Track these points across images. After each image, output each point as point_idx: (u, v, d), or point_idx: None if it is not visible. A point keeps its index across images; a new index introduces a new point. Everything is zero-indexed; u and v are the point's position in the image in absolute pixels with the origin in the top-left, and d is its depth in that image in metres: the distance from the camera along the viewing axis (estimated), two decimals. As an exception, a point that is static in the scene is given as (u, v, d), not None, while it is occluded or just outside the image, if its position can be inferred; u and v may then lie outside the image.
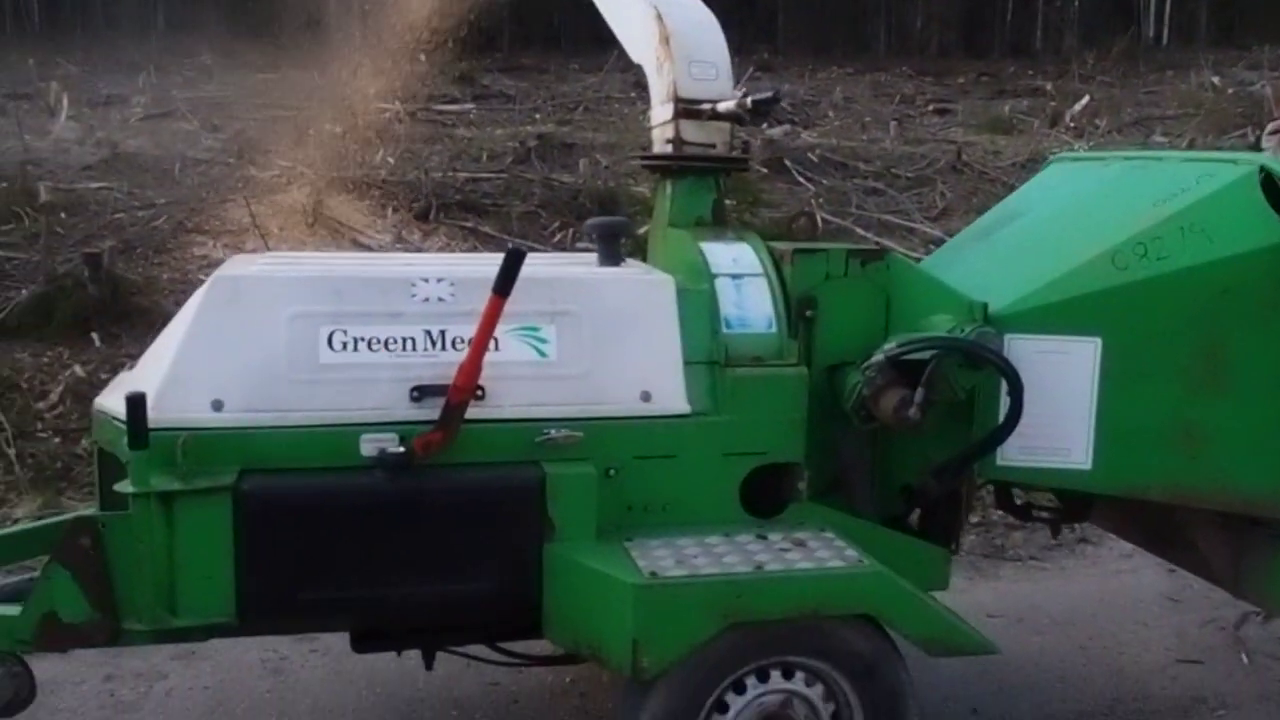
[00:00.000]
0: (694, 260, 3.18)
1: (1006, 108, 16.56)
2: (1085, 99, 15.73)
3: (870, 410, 2.93)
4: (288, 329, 2.76)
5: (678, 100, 3.42)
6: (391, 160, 10.79)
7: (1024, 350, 3.06)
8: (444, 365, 2.77)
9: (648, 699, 2.68)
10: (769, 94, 3.38)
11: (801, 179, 11.04)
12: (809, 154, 11.62)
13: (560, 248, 8.97)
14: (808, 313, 3.09)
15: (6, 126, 11.35)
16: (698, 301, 3.06)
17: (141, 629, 2.65)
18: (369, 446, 2.71)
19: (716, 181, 3.51)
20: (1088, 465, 3.09)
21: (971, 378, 2.96)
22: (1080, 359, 3.05)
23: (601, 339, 2.93)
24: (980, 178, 11.32)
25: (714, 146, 3.46)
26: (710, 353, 3.01)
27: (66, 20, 29.46)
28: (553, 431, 2.81)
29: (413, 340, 2.82)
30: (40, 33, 29.29)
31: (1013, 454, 3.12)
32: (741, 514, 2.98)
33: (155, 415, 2.61)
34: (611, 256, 3.23)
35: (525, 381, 2.87)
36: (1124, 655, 4.07)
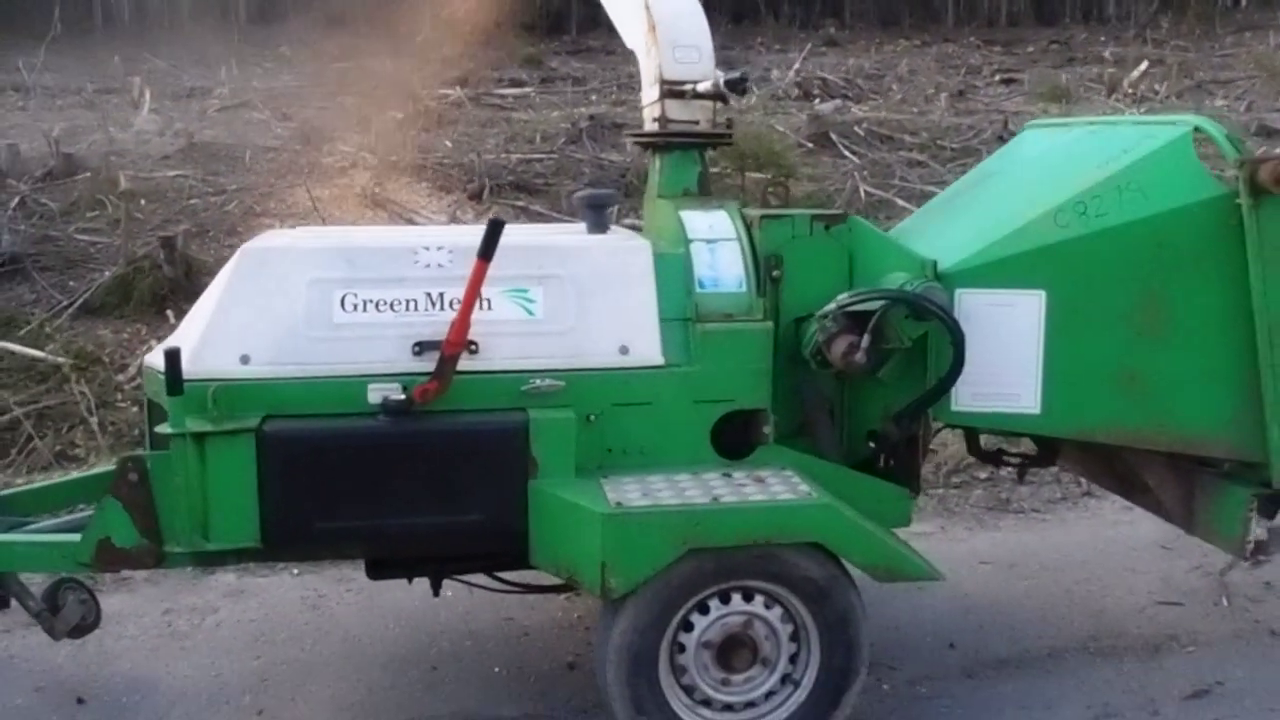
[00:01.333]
0: (674, 227, 3.50)
1: (1067, 76, 16.46)
2: (1144, 65, 15.60)
3: (824, 356, 3.23)
4: (306, 293, 3.14)
5: (663, 82, 3.73)
6: (450, 144, 11.21)
7: (974, 303, 3.33)
8: (442, 323, 3.13)
9: (619, 616, 3.02)
10: (737, 75, 3.68)
11: (847, 153, 11.24)
12: (856, 128, 11.78)
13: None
14: (774, 272, 3.39)
15: (93, 120, 12.02)
16: (673, 264, 3.38)
17: (181, 552, 3.07)
18: (375, 395, 3.09)
19: (700, 155, 3.81)
20: (1037, 410, 3.35)
21: (917, 328, 3.24)
22: (1027, 311, 3.31)
23: (584, 299, 3.26)
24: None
25: (697, 123, 3.76)
26: (684, 310, 3.32)
27: (154, 17, 30.51)
28: (537, 381, 3.16)
29: (415, 301, 3.18)
30: (129, 29, 30.42)
31: (967, 400, 3.39)
32: (713, 455, 3.29)
33: (191, 368, 3.02)
34: (599, 225, 3.55)
35: (514, 338, 3.21)
36: (1107, 598, 4.30)
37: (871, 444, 3.54)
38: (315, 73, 20.80)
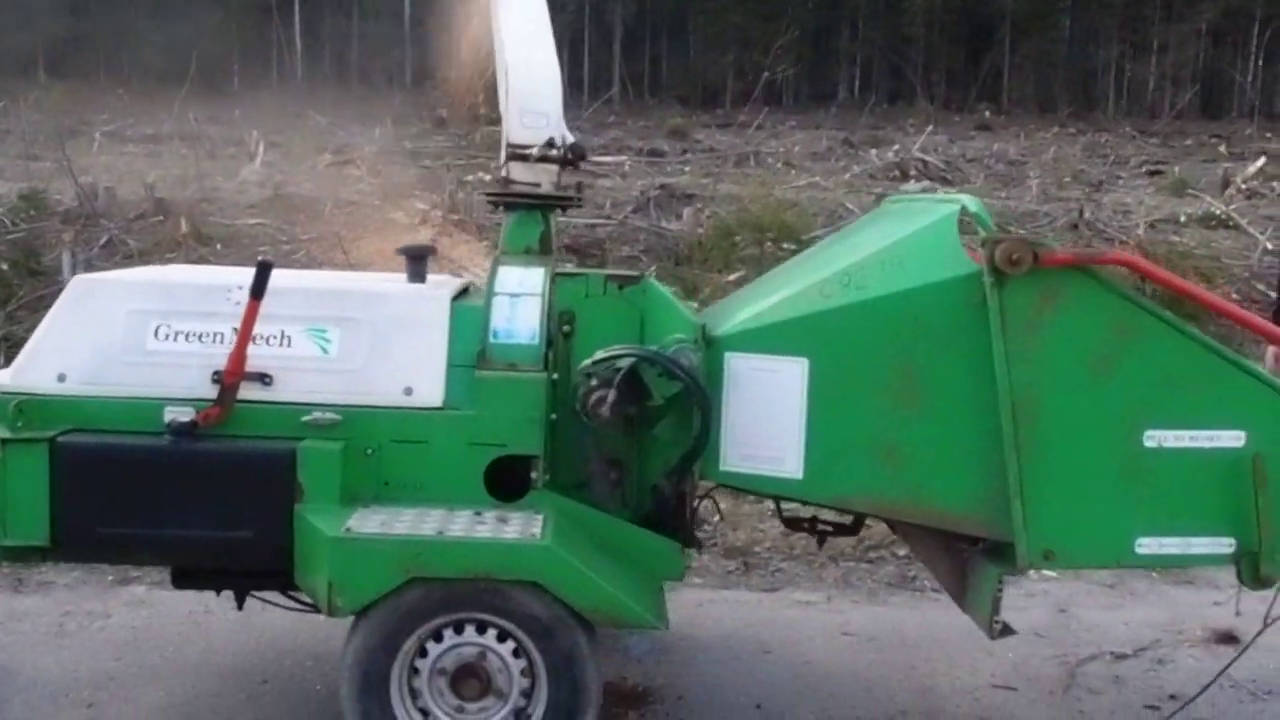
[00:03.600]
0: (491, 281, 3.74)
1: (1224, 169, 16.07)
2: (1261, 160, 15.09)
3: (583, 408, 3.40)
4: (124, 321, 3.50)
5: (509, 145, 3.99)
6: (521, 206, 11.65)
7: (741, 367, 3.46)
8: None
9: (353, 636, 3.25)
10: (574, 142, 3.92)
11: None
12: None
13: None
14: (565, 328, 3.58)
15: (205, 169, 13.04)
16: (470, 315, 3.61)
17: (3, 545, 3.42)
18: (168, 416, 3.41)
19: (544, 216, 4.04)
20: (799, 475, 3.43)
21: (670, 386, 3.38)
22: (790, 377, 3.40)
23: (377, 341, 3.52)
24: (1097, 236, 11.17)
25: (539, 185, 4.00)
26: (472, 357, 3.54)
27: (325, 74, 32.60)
28: (315, 414, 3.43)
29: (221, 335, 3.50)
30: (301, 84, 32.56)
31: (735, 461, 3.49)
32: (485, 496, 3.48)
33: (13, 382, 3.41)
34: (416, 275, 3.82)
35: (308, 373, 3.49)
36: (944, 676, 4.25)
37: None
38: (447, 135, 21.91)
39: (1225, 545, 3.29)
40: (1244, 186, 14.59)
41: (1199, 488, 3.26)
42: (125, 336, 3.49)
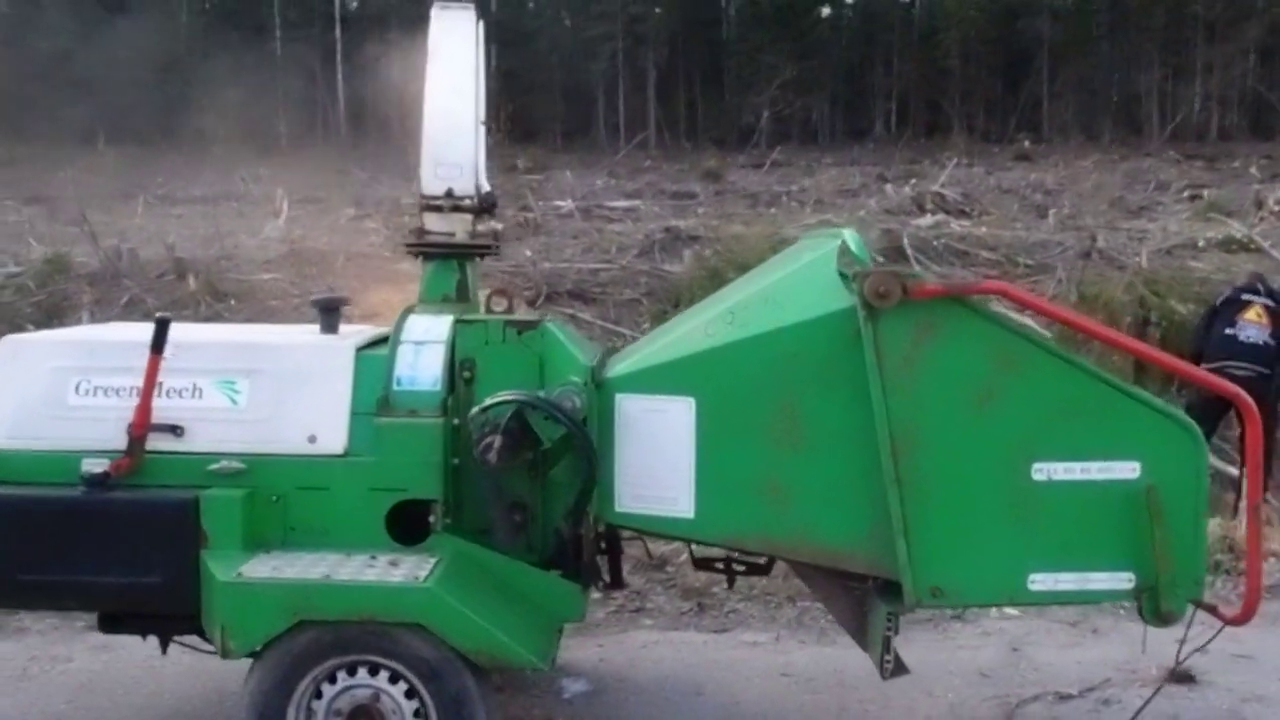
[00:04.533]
0: (397, 330, 3.82)
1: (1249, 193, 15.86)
2: (1289, 183, 14.82)
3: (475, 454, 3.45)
4: (47, 378, 3.62)
5: (422, 196, 4.09)
6: (529, 253, 11.82)
7: (633, 408, 3.49)
8: (158, 408, 3.55)
9: (249, 679, 3.32)
10: (487, 192, 4.02)
11: (918, 267, 11.18)
12: (934, 242, 11.72)
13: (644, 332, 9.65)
14: (465, 374, 3.65)
15: (232, 228, 13.34)
16: (374, 363, 3.69)
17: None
18: (85, 468, 3.52)
19: (460, 264, 4.13)
20: (691, 515, 3.44)
21: (556, 430, 3.42)
22: (678, 416, 3.43)
23: (283, 392, 3.61)
24: (1108, 264, 11.04)
25: (454, 235, 4.09)
26: (374, 405, 3.62)
27: (367, 129, 33.19)
28: (221, 463, 3.52)
29: (137, 389, 3.61)
30: (345, 140, 33.21)
31: (628, 502, 3.52)
32: (387, 540, 3.54)
33: (-56, 439, 3.55)
34: (330, 326, 3.91)
35: (218, 423, 3.59)
36: (874, 718, 4.22)
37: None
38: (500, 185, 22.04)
39: (1125, 580, 3.23)
40: (1276, 208, 14.35)
41: (1094, 521, 3.21)
42: (48, 392, 3.61)
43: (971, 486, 3.21)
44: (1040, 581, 3.24)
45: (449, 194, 4.00)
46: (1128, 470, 3.20)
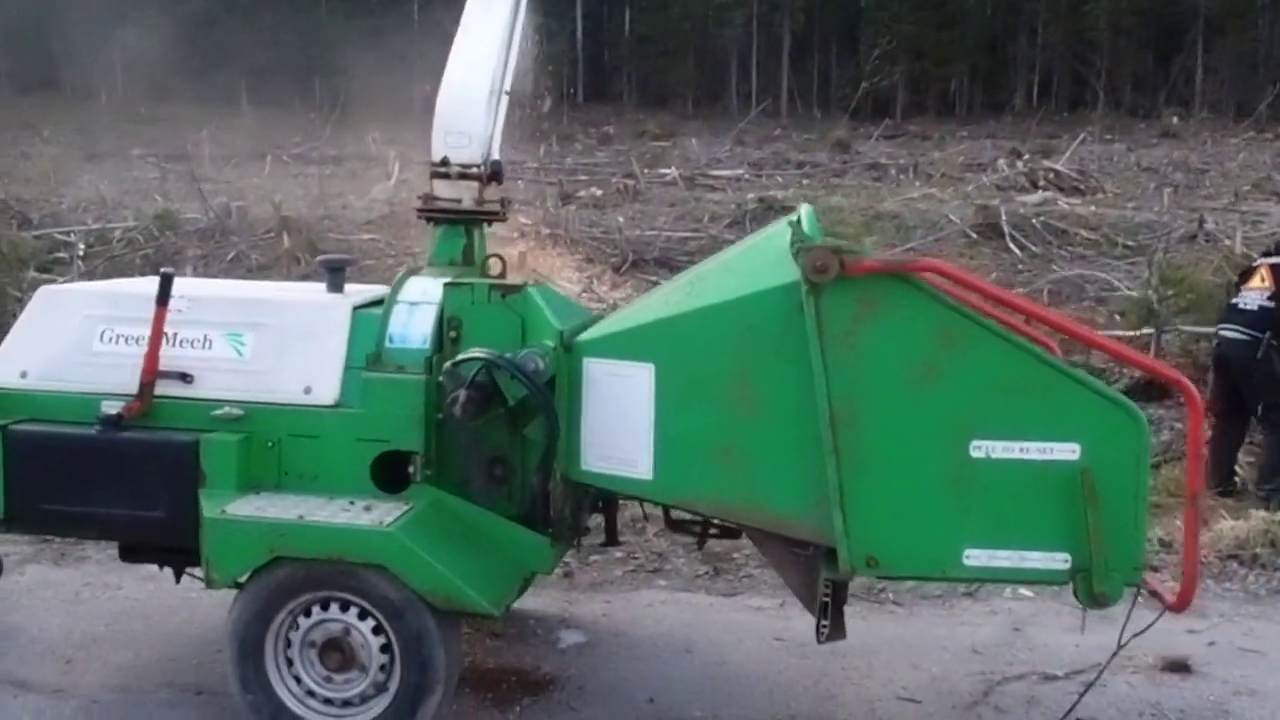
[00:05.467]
0: (395, 290, 4.04)
1: None
2: None
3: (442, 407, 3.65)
4: (78, 326, 3.97)
5: (432, 163, 4.30)
6: (621, 219, 12.01)
7: (598, 371, 3.65)
8: (170, 356, 3.87)
9: (233, 608, 3.62)
10: (494, 160, 4.21)
11: (1012, 245, 11.00)
12: (1033, 220, 11.48)
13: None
14: (451, 333, 3.85)
15: (344, 188, 13.87)
16: (369, 321, 3.93)
17: (-45, 514, 3.94)
18: (102, 409, 3.85)
19: (467, 230, 4.33)
20: (650, 476, 3.58)
21: (519, 389, 3.60)
22: (639, 381, 3.57)
23: (284, 345, 3.88)
24: (1213, 247, 10.66)
25: (460, 201, 4.29)
26: (365, 360, 3.85)
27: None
28: (223, 409, 3.81)
29: (157, 337, 3.93)
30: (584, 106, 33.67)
31: (593, 461, 3.68)
32: (371, 487, 3.78)
33: (-15, 378, 3.93)
34: (335, 285, 4.16)
35: (224, 373, 3.88)
36: (854, 686, 4.29)
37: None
38: (616, 151, 22.43)
39: (1060, 561, 3.26)
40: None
41: (1032, 501, 3.24)
42: (77, 339, 3.96)
43: (909, 460, 3.27)
44: (975, 557, 3.28)
45: (450, 161, 4.18)
46: (1067, 451, 3.21)
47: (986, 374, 3.23)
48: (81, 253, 10.44)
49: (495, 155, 4.41)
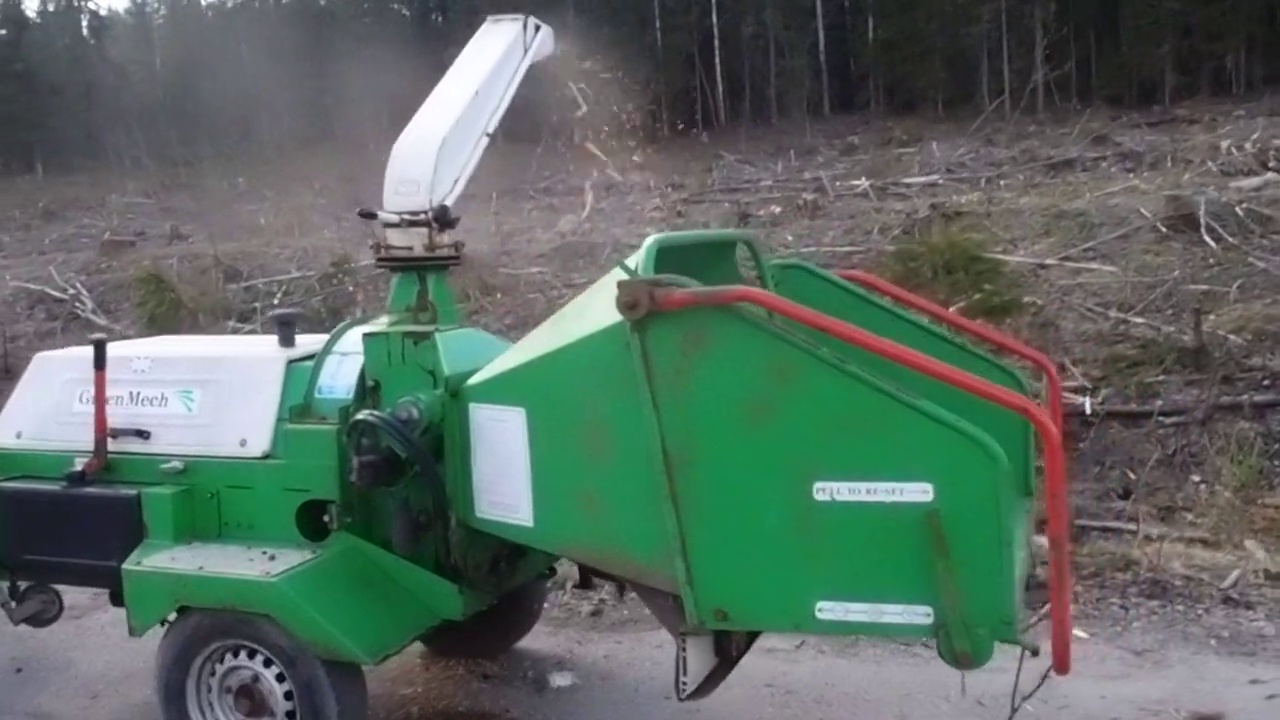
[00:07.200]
0: (331, 341, 4.15)
1: None
2: None
3: None
4: (60, 389, 4.32)
5: (384, 212, 4.37)
6: (790, 237, 11.76)
7: (481, 417, 3.60)
8: (132, 415, 4.15)
9: (158, 652, 3.80)
10: (441, 205, 4.24)
11: (1208, 238, 9.98)
12: (1237, 207, 10.37)
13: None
14: (369, 383, 3.91)
15: (537, 220, 14.29)
16: (300, 373, 4.05)
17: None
18: (71, 466, 4.16)
19: (420, 276, 4.37)
20: (530, 523, 3.49)
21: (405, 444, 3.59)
22: (514, 426, 3.48)
23: (225, 400, 4.07)
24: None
25: (412, 248, 4.34)
26: (293, 412, 3.97)
27: (739, 118, 33.87)
28: (167, 464, 4.03)
29: (122, 398, 4.21)
30: (723, 125, 34.03)
31: (485, 507, 3.63)
32: (297, 536, 3.88)
33: (-10, 440, 4.35)
34: (286, 339, 4.30)
35: (175, 429, 4.11)
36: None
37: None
38: (856, 161, 22.10)
39: (923, 615, 2.90)
40: None
41: (885, 548, 2.91)
42: (59, 401, 4.30)
43: (751, 505, 3.01)
44: (828, 610, 2.98)
45: (435, 216, 4.22)
46: (918, 492, 2.86)
47: (823, 409, 2.94)
48: (276, 301, 11.25)
49: (449, 200, 4.41)
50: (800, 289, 4.25)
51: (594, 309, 3.32)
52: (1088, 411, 7.53)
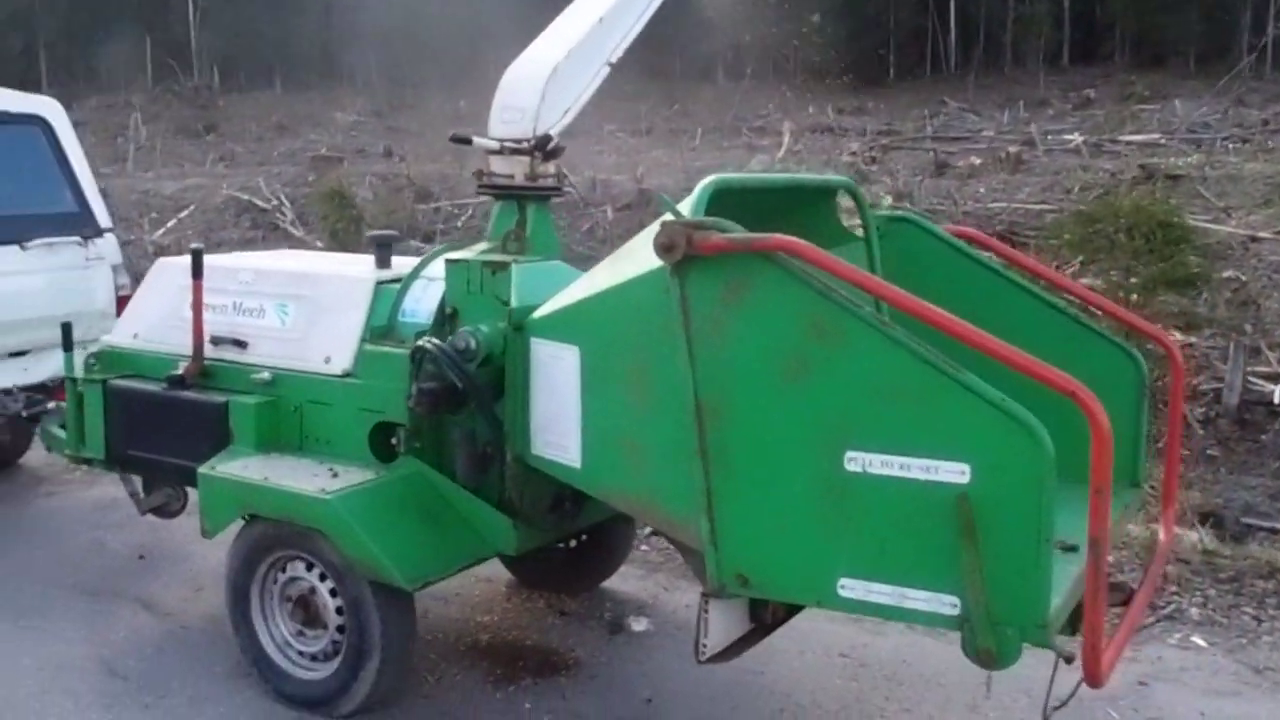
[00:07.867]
0: (419, 266, 4.14)
1: None
2: None
3: None
4: (174, 294, 4.49)
5: (489, 139, 4.32)
6: (982, 190, 11.17)
7: (541, 352, 3.51)
8: (233, 324, 4.28)
9: (228, 555, 3.93)
10: (543, 135, 4.16)
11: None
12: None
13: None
14: (448, 309, 3.89)
15: (731, 159, 14.06)
16: (388, 295, 4.07)
17: (83, 456, 4.61)
18: (175, 369, 4.33)
19: (520, 205, 4.31)
20: (579, 464, 3.40)
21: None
22: (569, 365, 3.38)
23: (315, 316, 4.14)
24: None
25: (513, 177, 4.28)
26: (374, 333, 4.00)
27: (977, 59, 32.14)
28: (258, 374, 4.13)
29: (225, 306, 4.35)
30: (953, 72, 32.43)
31: (540, 446, 3.55)
32: (368, 456, 3.92)
33: (109, 339, 4.59)
34: (382, 260, 4.32)
35: (270, 340, 4.22)
36: (881, 717, 3.80)
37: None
38: (1088, 115, 20.93)
39: (949, 605, 2.66)
40: None
41: (914, 528, 2.67)
42: (172, 305, 4.48)
43: (780, 467, 2.83)
44: (850, 588, 2.78)
45: (538, 144, 4.16)
46: (955, 473, 2.61)
47: (861, 373, 2.72)
48: (459, 225, 11.48)
49: (553, 130, 4.31)
50: (907, 243, 4.00)
51: (646, 250, 3.16)
52: (1275, 401, 6.84)
